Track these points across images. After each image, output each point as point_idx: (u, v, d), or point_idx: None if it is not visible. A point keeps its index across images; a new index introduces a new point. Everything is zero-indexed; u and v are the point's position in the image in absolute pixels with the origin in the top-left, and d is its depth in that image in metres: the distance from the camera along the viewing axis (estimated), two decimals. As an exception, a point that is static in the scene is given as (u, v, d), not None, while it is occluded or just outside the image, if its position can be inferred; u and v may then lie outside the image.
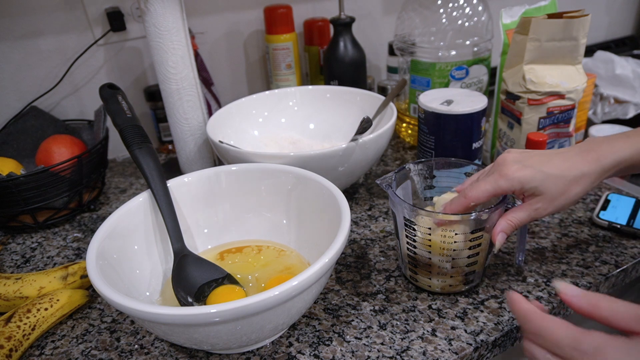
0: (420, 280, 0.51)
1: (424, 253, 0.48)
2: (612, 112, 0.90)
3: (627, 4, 1.39)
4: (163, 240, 0.52)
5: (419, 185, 0.54)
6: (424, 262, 0.48)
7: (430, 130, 0.62)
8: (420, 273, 0.50)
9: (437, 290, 0.50)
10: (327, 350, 0.45)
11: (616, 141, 0.45)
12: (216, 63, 0.93)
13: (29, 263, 0.61)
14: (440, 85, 0.77)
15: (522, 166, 0.44)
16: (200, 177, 0.55)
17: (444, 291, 0.50)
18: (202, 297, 0.47)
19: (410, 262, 0.50)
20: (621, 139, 0.45)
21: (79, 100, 0.85)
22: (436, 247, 0.47)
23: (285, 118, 0.79)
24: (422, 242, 0.47)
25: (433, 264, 0.48)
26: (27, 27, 0.77)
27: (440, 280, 0.49)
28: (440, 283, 0.49)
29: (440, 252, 0.47)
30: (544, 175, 0.44)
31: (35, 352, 0.48)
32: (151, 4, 0.62)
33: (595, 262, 0.54)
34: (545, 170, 0.44)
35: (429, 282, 0.50)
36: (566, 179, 0.44)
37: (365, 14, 1.02)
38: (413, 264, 0.50)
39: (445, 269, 0.48)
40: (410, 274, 0.51)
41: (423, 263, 0.49)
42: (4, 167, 0.66)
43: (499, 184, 0.44)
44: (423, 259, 0.48)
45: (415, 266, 0.50)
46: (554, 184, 0.44)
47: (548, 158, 0.45)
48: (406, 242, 0.49)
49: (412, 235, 0.48)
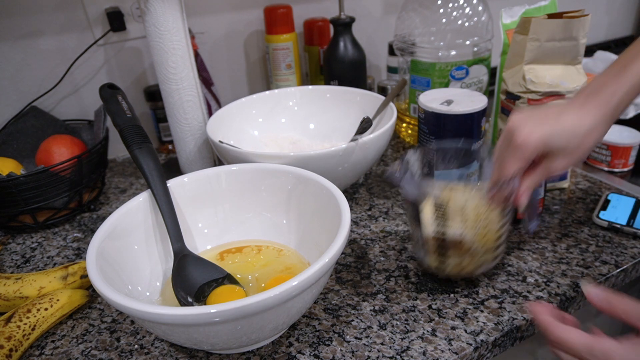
0: (448, 263, 0.48)
1: (455, 231, 0.46)
2: (612, 112, 0.90)
3: (627, 4, 1.39)
4: (163, 240, 0.52)
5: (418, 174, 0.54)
6: (454, 241, 0.46)
7: (430, 130, 0.62)
8: (451, 255, 0.48)
9: (466, 271, 0.49)
10: (327, 350, 0.45)
11: (611, 84, 0.45)
12: (216, 63, 0.93)
13: (29, 263, 0.61)
14: (440, 85, 0.77)
15: (534, 127, 0.44)
16: (200, 177, 0.55)
17: (472, 272, 0.49)
18: (202, 297, 0.47)
19: (438, 246, 0.48)
20: (614, 81, 0.45)
21: (79, 100, 0.85)
22: (469, 222, 0.45)
23: (285, 118, 0.79)
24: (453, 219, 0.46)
25: (464, 242, 0.46)
26: (27, 27, 0.77)
27: (469, 260, 0.47)
28: (469, 262, 0.48)
29: (473, 227, 0.46)
30: (557, 133, 0.43)
31: (35, 352, 0.48)
32: (151, 4, 0.62)
33: (595, 262, 0.54)
34: (557, 128, 0.44)
35: (458, 264, 0.48)
36: (579, 134, 0.44)
37: (365, 14, 1.02)
38: (442, 246, 0.48)
39: (476, 246, 0.46)
40: (438, 259, 0.49)
41: (453, 243, 0.47)
42: (4, 167, 0.66)
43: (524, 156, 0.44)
44: (453, 239, 0.46)
45: (444, 249, 0.48)
46: (568, 140, 0.44)
47: (556, 115, 0.45)
48: (434, 225, 0.47)
49: (441, 215, 0.46)
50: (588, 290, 0.38)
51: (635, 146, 0.71)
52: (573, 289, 0.50)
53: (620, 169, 0.73)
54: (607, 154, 0.73)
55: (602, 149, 0.73)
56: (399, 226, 0.62)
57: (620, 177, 0.72)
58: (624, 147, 0.71)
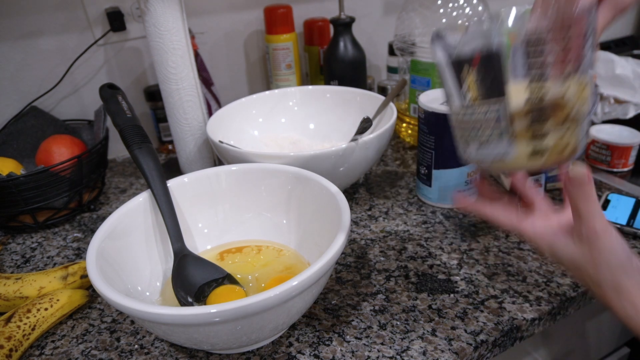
0: (547, 144, 0.35)
1: (556, 89, 0.34)
2: (612, 112, 0.90)
3: (627, 4, 1.39)
4: (163, 240, 0.52)
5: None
6: (554, 105, 0.34)
7: (430, 130, 0.62)
8: (550, 127, 0.35)
9: (569, 150, 0.36)
10: (327, 350, 0.45)
11: None
12: (216, 63, 0.93)
13: (29, 263, 0.61)
14: (440, 85, 0.77)
15: None
16: (200, 177, 0.55)
17: (574, 150, 0.36)
18: (202, 297, 0.47)
19: (533, 120, 0.35)
20: None
21: (79, 100, 0.85)
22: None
23: (285, 118, 0.79)
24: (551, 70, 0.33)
25: (566, 103, 0.34)
26: (27, 27, 0.77)
27: (570, 131, 0.35)
28: (571, 134, 0.35)
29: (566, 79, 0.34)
30: None
31: (35, 352, 0.48)
32: (151, 4, 0.62)
33: (595, 262, 0.54)
34: None
35: (560, 139, 0.35)
36: None
37: (365, 14, 1.02)
38: (538, 118, 0.34)
39: (576, 106, 0.34)
40: (533, 141, 0.35)
41: (553, 107, 0.34)
42: (4, 167, 0.66)
43: None
44: (554, 100, 0.34)
45: (541, 120, 0.35)
46: None
47: None
48: (529, 85, 0.34)
49: (539, 68, 0.33)
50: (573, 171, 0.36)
51: (635, 146, 0.71)
52: (573, 289, 0.50)
53: (620, 169, 0.73)
54: (607, 154, 0.73)
55: (602, 149, 0.73)
56: (399, 226, 0.62)
57: (620, 177, 0.72)
58: (624, 147, 0.71)
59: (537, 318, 0.47)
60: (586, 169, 0.36)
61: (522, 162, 0.36)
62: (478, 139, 0.37)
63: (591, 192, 0.36)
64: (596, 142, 0.74)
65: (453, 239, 0.59)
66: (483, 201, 0.43)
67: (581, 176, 0.35)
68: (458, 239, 0.59)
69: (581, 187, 0.35)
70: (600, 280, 0.36)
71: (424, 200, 0.67)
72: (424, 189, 0.66)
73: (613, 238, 0.36)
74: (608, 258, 0.36)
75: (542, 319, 0.48)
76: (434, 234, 0.60)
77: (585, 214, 0.36)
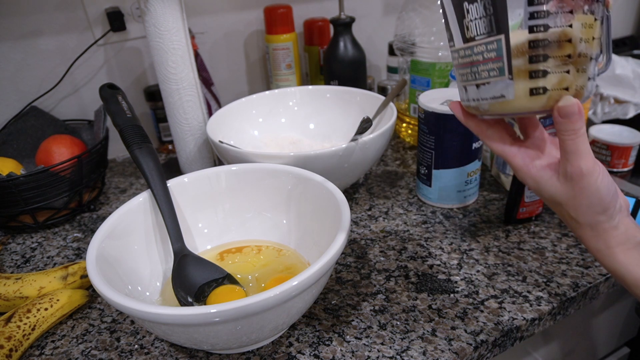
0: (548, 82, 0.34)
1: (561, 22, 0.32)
2: (612, 112, 0.90)
3: (627, 4, 1.39)
4: (163, 240, 0.52)
5: None
6: (558, 40, 0.33)
7: (430, 130, 0.62)
8: (551, 65, 0.33)
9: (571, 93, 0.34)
10: (327, 350, 0.45)
11: None
12: (216, 63, 0.93)
13: (29, 263, 0.61)
14: (440, 85, 0.77)
15: None
16: (200, 177, 0.55)
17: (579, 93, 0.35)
18: (202, 297, 0.47)
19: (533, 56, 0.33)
20: None
21: (79, 100, 0.85)
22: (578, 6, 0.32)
23: (285, 118, 0.79)
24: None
25: (572, 38, 0.33)
26: (27, 27, 0.77)
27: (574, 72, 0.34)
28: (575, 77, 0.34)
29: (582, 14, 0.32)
30: None
31: (35, 352, 0.48)
32: (151, 4, 0.62)
33: (595, 262, 0.54)
34: None
35: (561, 81, 0.34)
36: None
37: (365, 14, 1.02)
38: (539, 54, 0.33)
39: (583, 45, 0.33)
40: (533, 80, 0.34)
41: (557, 43, 0.33)
42: (4, 167, 0.66)
43: None
44: (557, 35, 0.33)
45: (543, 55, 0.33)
46: None
47: None
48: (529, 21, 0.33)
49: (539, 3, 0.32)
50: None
51: (635, 146, 0.71)
52: (573, 289, 0.50)
53: (620, 169, 0.73)
54: (607, 154, 0.73)
55: (602, 148, 0.73)
56: (399, 226, 0.62)
57: (620, 177, 0.72)
58: (624, 147, 0.71)
59: (537, 318, 0.47)
60: (577, 101, 0.34)
61: (521, 103, 0.35)
62: (478, 79, 0.36)
63: (580, 128, 0.34)
64: (596, 142, 0.74)
65: (453, 239, 0.59)
66: (479, 121, 0.41)
67: (570, 105, 0.33)
68: (458, 239, 0.59)
69: (570, 119, 0.34)
70: (579, 218, 0.37)
71: (424, 200, 0.67)
72: (424, 189, 0.66)
73: (598, 180, 0.35)
74: (590, 199, 0.35)
75: (542, 319, 0.48)
76: (434, 234, 0.60)
77: (572, 152, 0.35)
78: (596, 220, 0.36)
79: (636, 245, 0.36)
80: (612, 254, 0.37)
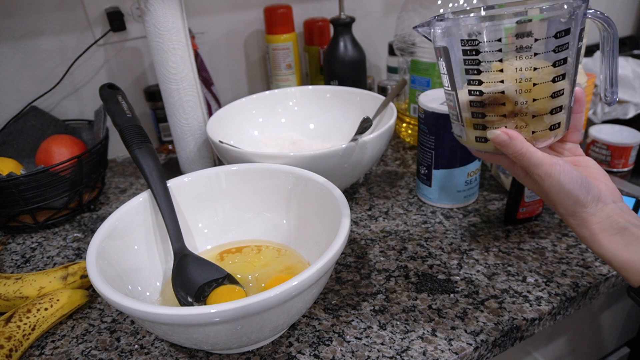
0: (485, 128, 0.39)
1: (494, 87, 0.37)
2: (612, 112, 0.90)
3: (627, 4, 1.39)
4: (163, 240, 0.52)
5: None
6: (494, 98, 0.38)
7: (430, 130, 0.62)
8: (490, 121, 0.39)
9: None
10: (327, 350, 0.45)
11: None
12: (216, 63, 0.93)
13: (29, 263, 0.61)
14: (440, 85, 0.77)
15: None
16: (200, 177, 0.55)
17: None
18: (202, 297, 0.47)
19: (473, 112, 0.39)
20: None
21: (79, 100, 0.85)
22: (509, 71, 0.36)
23: (285, 118, 0.79)
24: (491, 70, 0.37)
25: (509, 99, 0.37)
26: (27, 27, 0.77)
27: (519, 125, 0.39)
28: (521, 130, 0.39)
29: (515, 78, 0.36)
30: None
31: (35, 352, 0.48)
32: (151, 4, 0.62)
33: (595, 262, 0.54)
34: None
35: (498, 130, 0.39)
36: None
37: (365, 14, 1.02)
38: (477, 106, 0.39)
39: (523, 104, 0.37)
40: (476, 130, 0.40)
41: (493, 100, 0.38)
42: (4, 167, 0.66)
43: None
44: (494, 97, 0.38)
45: (481, 112, 0.39)
46: None
47: None
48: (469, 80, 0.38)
49: (474, 66, 0.37)
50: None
51: (635, 146, 0.72)
52: (573, 289, 0.50)
53: (620, 169, 0.73)
54: (607, 154, 0.73)
55: (602, 149, 0.73)
56: (399, 226, 0.62)
57: (620, 177, 0.72)
58: (624, 147, 0.71)
59: (537, 318, 0.47)
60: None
61: (472, 145, 0.42)
62: (451, 118, 0.43)
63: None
64: (596, 142, 0.74)
65: (453, 239, 0.59)
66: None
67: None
68: (458, 239, 0.59)
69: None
70: (558, 210, 0.41)
71: (424, 200, 0.67)
72: (424, 189, 0.66)
73: (560, 178, 0.38)
74: (558, 195, 0.39)
75: (542, 319, 0.48)
76: (434, 234, 0.60)
77: (527, 167, 0.39)
78: (573, 209, 0.39)
79: (619, 230, 0.38)
80: (596, 240, 0.39)
